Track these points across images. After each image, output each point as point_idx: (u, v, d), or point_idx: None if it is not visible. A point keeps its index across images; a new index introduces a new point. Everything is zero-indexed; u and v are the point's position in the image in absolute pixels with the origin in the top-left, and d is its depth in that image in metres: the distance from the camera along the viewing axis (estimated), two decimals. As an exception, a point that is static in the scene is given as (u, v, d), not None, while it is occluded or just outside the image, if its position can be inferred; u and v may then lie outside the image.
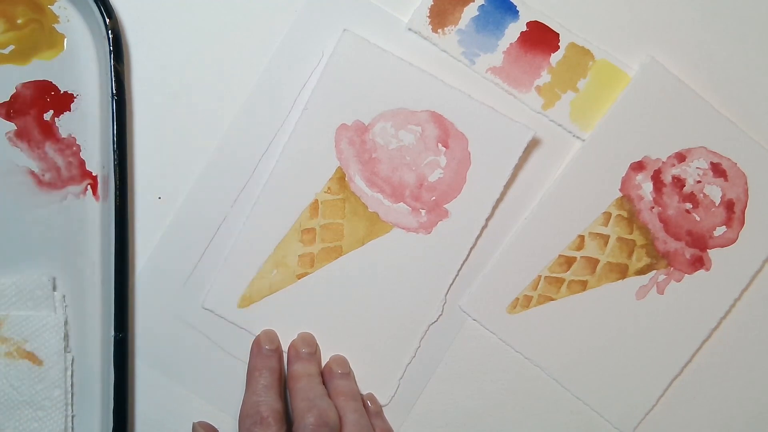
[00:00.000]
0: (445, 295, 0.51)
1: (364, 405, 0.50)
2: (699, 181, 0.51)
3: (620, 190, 0.51)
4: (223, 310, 0.50)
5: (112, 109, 0.48)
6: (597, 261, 0.51)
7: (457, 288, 0.51)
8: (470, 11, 0.51)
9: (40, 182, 0.49)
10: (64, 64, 0.49)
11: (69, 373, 0.48)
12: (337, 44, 0.50)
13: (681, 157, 0.51)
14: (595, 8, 0.51)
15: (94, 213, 0.49)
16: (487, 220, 0.51)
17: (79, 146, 0.49)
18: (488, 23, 0.51)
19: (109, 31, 0.48)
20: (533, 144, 0.51)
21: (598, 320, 0.52)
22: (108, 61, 0.48)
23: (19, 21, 0.49)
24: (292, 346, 0.50)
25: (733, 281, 0.52)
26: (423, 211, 0.51)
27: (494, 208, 0.51)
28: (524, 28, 0.51)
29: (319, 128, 0.50)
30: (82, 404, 0.49)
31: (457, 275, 0.51)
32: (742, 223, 0.52)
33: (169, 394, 0.50)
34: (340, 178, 0.50)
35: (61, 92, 0.49)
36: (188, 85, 0.50)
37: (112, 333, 0.47)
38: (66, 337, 0.48)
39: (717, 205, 0.51)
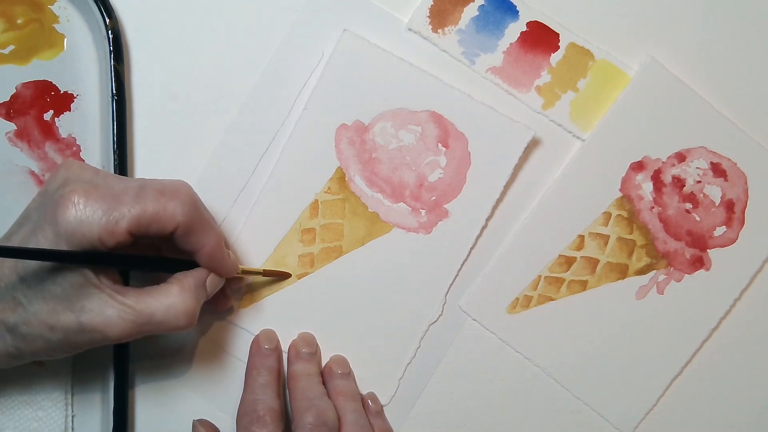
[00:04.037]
0: (445, 295, 0.51)
1: (365, 404, 0.50)
2: (699, 181, 0.51)
3: (620, 190, 0.51)
4: (225, 311, 0.50)
5: (112, 109, 0.48)
6: (597, 261, 0.51)
7: (457, 288, 0.51)
8: (470, 11, 0.51)
9: (40, 182, 0.49)
10: (64, 64, 0.49)
11: (69, 373, 0.48)
12: (337, 44, 0.50)
13: (681, 157, 0.51)
14: (595, 8, 0.51)
15: (94, 213, 0.49)
16: (487, 220, 0.51)
17: (79, 146, 0.49)
18: (488, 23, 0.51)
19: (109, 31, 0.48)
20: (533, 144, 0.51)
21: (598, 320, 0.52)
22: (108, 61, 0.48)
23: (19, 21, 0.49)
24: (293, 346, 0.50)
25: (733, 281, 0.52)
26: (423, 211, 0.51)
27: (494, 208, 0.51)
28: (524, 28, 0.51)
29: (319, 128, 0.50)
30: (82, 404, 0.49)
31: (457, 275, 0.51)
32: (742, 223, 0.52)
33: (169, 394, 0.50)
34: (340, 178, 0.50)
35: (61, 92, 0.49)
36: (188, 85, 0.50)
37: (112, 333, 0.47)
38: (66, 337, 0.48)
39: (717, 205, 0.51)
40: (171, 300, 0.42)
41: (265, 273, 0.49)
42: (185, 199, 0.42)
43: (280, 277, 0.50)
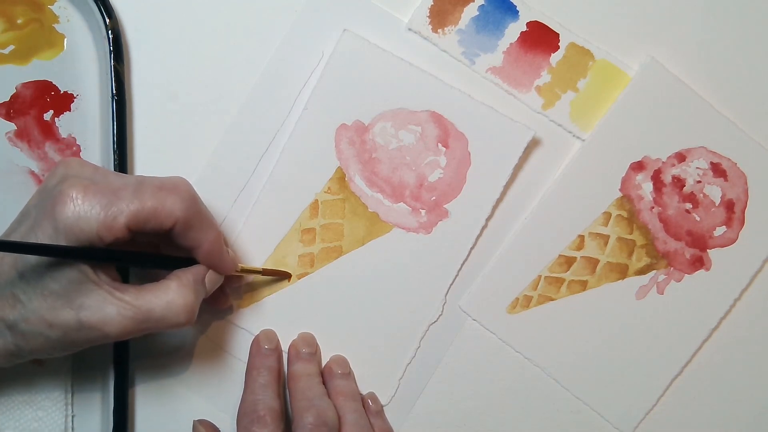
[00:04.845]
0: (445, 295, 0.51)
1: (365, 404, 0.50)
2: (699, 181, 0.51)
3: (620, 190, 0.51)
4: (224, 310, 0.50)
5: (112, 109, 0.48)
6: (597, 261, 0.51)
7: (457, 288, 0.51)
8: (470, 11, 0.51)
9: (40, 182, 0.49)
10: (64, 64, 0.49)
11: (69, 373, 0.48)
12: (337, 44, 0.50)
13: (681, 157, 0.51)
14: (595, 8, 0.51)
15: (94, 213, 0.49)
16: (487, 220, 0.51)
17: (79, 146, 0.49)
18: (488, 23, 0.51)
19: (109, 31, 0.48)
20: (533, 144, 0.51)
21: (598, 320, 0.52)
22: (108, 61, 0.48)
23: (19, 21, 0.49)
24: (293, 346, 0.50)
25: (733, 281, 0.52)
26: (423, 211, 0.51)
27: (494, 208, 0.51)
28: (524, 28, 0.51)
29: (319, 128, 0.50)
30: (82, 404, 0.49)
31: (457, 275, 0.51)
32: (742, 223, 0.52)
33: (169, 394, 0.50)
34: (340, 178, 0.50)
35: (61, 92, 0.49)
36: (188, 85, 0.50)
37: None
38: (66, 337, 0.48)
39: (717, 205, 0.51)
40: (170, 296, 0.42)
41: (264, 272, 0.49)
42: (184, 195, 0.42)
43: (279, 276, 0.50)
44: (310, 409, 0.45)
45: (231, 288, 0.49)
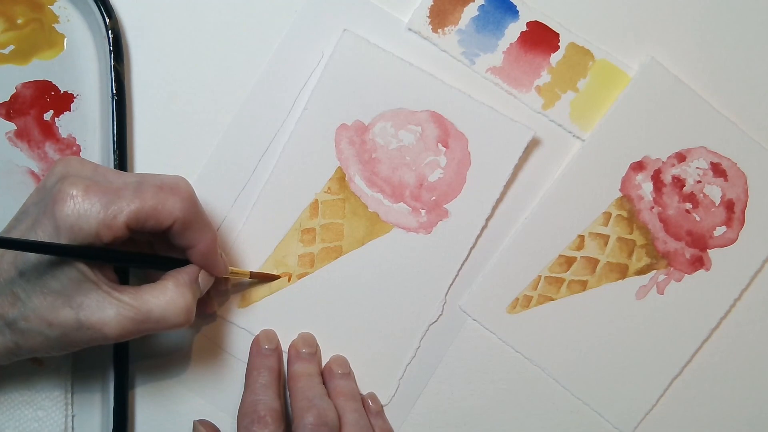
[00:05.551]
0: (445, 295, 0.51)
1: (365, 404, 0.50)
2: (699, 181, 0.51)
3: (620, 190, 0.51)
4: (223, 310, 0.50)
5: (112, 109, 0.48)
6: (597, 261, 0.51)
7: (457, 288, 0.51)
8: (470, 11, 0.51)
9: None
10: (64, 64, 0.49)
11: (69, 373, 0.48)
12: (337, 44, 0.50)
13: (681, 157, 0.51)
14: (595, 8, 0.51)
15: (94, 213, 0.49)
16: (487, 220, 0.51)
17: (79, 146, 0.49)
18: (488, 23, 0.51)
19: (109, 31, 0.48)
20: (533, 144, 0.51)
21: (598, 320, 0.52)
22: (108, 61, 0.48)
23: (19, 21, 0.49)
24: (293, 346, 0.50)
25: (733, 281, 0.52)
26: (423, 211, 0.51)
27: (494, 208, 0.51)
28: (524, 28, 0.51)
29: (319, 128, 0.50)
30: (82, 404, 0.49)
31: (457, 275, 0.51)
32: (742, 223, 0.52)
33: (169, 394, 0.50)
34: (340, 178, 0.50)
35: (61, 92, 0.49)
36: (188, 86, 0.50)
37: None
38: (66, 337, 0.48)
39: (717, 205, 0.51)
40: (168, 296, 0.42)
41: (252, 275, 0.49)
42: (184, 195, 0.42)
43: (268, 279, 0.50)
44: (310, 409, 0.45)
45: (217, 291, 0.49)
